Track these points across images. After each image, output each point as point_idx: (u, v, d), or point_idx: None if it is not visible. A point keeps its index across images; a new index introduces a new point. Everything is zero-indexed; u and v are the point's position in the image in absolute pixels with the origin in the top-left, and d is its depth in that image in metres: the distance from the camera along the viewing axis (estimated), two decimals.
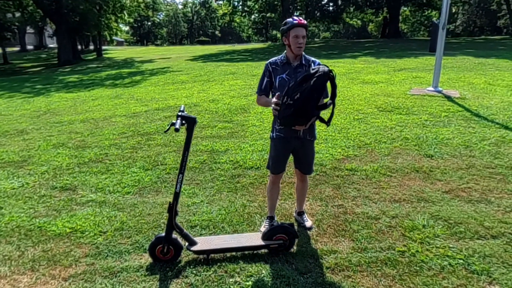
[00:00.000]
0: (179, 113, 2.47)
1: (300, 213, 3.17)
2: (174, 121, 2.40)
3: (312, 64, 2.77)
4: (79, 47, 33.81)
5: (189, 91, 9.01)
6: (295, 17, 2.68)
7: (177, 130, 2.31)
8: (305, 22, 2.69)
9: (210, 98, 7.86)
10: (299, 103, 2.49)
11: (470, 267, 2.50)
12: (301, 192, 3.11)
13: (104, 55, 29.22)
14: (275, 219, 3.10)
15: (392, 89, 7.58)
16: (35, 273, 2.66)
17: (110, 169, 4.45)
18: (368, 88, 7.80)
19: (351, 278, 2.44)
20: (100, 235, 3.09)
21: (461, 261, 2.56)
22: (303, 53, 2.79)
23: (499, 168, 3.90)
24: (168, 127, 2.47)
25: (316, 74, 2.48)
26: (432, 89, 7.13)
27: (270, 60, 2.88)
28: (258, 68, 12.52)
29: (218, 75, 11.44)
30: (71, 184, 4.08)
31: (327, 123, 2.67)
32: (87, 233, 3.12)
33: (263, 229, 2.92)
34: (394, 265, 2.55)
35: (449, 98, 6.61)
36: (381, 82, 8.41)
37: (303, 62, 2.78)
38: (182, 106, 2.61)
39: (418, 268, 2.51)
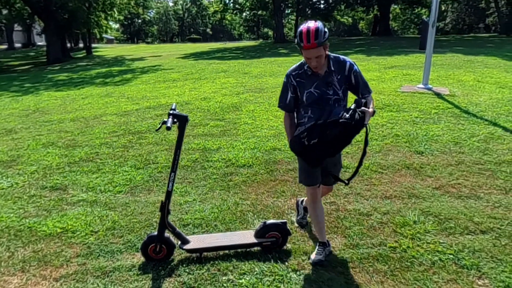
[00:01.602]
0: (171, 111, 2.46)
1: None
2: (165, 120, 2.39)
3: (344, 67, 2.39)
4: (68, 45, 33.39)
5: (180, 89, 8.97)
6: (304, 34, 2.22)
7: (168, 128, 2.30)
8: (314, 42, 2.21)
9: (202, 96, 7.83)
10: (312, 148, 2.30)
11: (460, 262, 2.53)
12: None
13: (94, 53, 28.91)
14: (329, 245, 2.64)
15: (383, 86, 7.63)
16: (26, 274, 2.63)
17: (101, 168, 4.41)
18: None
19: (343, 274, 2.45)
20: (92, 234, 3.06)
21: (451, 256, 2.60)
22: (329, 53, 2.40)
23: (488, 164, 3.95)
24: (159, 126, 2.46)
25: (347, 124, 2.20)
26: (422, 86, 7.20)
27: (291, 69, 2.48)
28: (249, 66, 12.51)
29: (210, 73, 11.40)
30: (62, 184, 4.04)
31: (347, 182, 2.45)
32: (78, 233, 3.09)
33: (315, 256, 2.55)
34: (385, 261, 2.58)
35: (439, 95, 6.68)
36: (372, 79, 8.46)
37: (332, 67, 2.39)
38: (174, 104, 2.60)
39: (409, 264, 2.54)
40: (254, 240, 2.70)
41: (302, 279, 2.43)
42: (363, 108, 2.24)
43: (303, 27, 2.27)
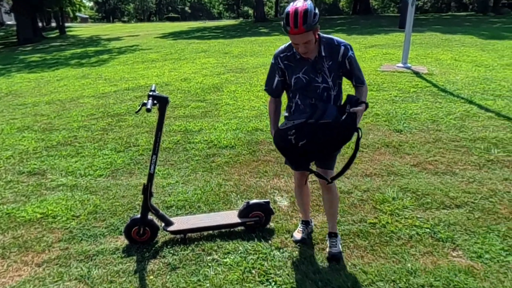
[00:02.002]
0: (150, 93, 2.41)
1: (331, 235, 2.52)
2: (145, 101, 2.34)
3: (337, 52, 2.16)
4: (40, 24, 31.93)
5: (159, 70, 8.78)
6: (292, 16, 1.98)
7: (148, 110, 2.26)
8: (302, 27, 1.98)
9: (182, 77, 7.70)
10: (299, 150, 2.15)
11: (436, 235, 2.64)
12: (328, 204, 2.51)
13: (68, 33, 27.80)
14: (311, 223, 2.74)
15: (363, 66, 7.67)
16: (6, 260, 2.59)
17: (80, 152, 4.32)
18: None
19: (325, 251, 2.52)
20: (73, 219, 3.03)
21: (428, 230, 2.70)
22: (320, 34, 2.17)
23: (463, 141, 4.08)
24: (139, 108, 2.41)
25: (340, 128, 2.09)
26: (402, 65, 7.28)
27: (280, 50, 2.28)
28: (230, 45, 12.32)
29: (190, 53, 11.18)
30: (39, 169, 3.95)
31: (329, 181, 2.31)
32: (59, 217, 3.05)
33: (297, 234, 2.64)
34: (366, 236, 2.66)
35: (417, 74, 6.78)
36: None
37: (323, 53, 2.17)
38: (153, 85, 2.55)
39: (388, 239, 2.63)
40: (238, 220, 2.73)
41: (285, 257, 2.49)
42: (353, 108, 2.09)
43: (290, 7, 2.03)
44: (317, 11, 2.06)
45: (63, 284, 2.35)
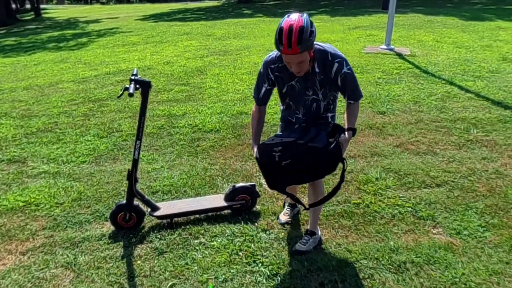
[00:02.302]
0: (132, 77, 2.36)
1: (307, 232, 2.46)
2: (127, 86, 2.29)
3: (330, 68, 2.03)
4: (14, 6, 30.62)
5: (141, 53, 8.58)
6: (285, 35, 1.82)
7: (131, 95, 2.22)
8: (296, 48, 1.83)
9: (164, 60, 7.56)
10: (282, 170, 2.01)
11: (417, 214, 2.72)
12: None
13: (44, 15, 26.77)
14: (297, 205, 2.70)
15: (347, 48, 7.68)
16: None
17: (62, 138, 4.24)
18: None
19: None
20: (57, 206, 2.99)
21: (410, 209, 2.78)
22: (315, 47, 2.00)
23: (444, 121, 4.17)
24: (121, 92, 2.36)
25: (327, 156, 2.00)
26: (385, 47, 7.32)
27: (271, 60, 2.13)
28: (212, 27, 12.11)
29: (172, 36, 10.95)
30: (20, 156, 3.86)
31: (307, 207, 2.23)
32: (42, 205, 3.01)
33: (283, 217, 2.67)
34: (350, 216, 2.72)
35: (400, 55, 6.83)
36: (337, 41, 8.48)
37: (316, 69, 2.04)
38: (135, 69, 2.49)
39: (371, 218, 2.70)
40: (224, 204, 2.74)
41: (271, 238, 2.53)
42: (339, 139, 2.01)
43: (284, 22, 1.85)
44: (313, 27, 1.89)
45: (49, 272, 2.34)
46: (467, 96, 4.82)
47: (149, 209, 2.68)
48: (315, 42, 1.99)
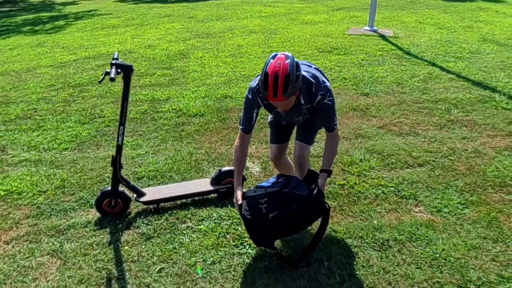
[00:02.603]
0: (113, 61, 2.30)
1: None
2: (108, 70, 2.24)
3: (314, 99, 2.02)
4: None
5: (121, 36, 8.36)
6: (270, 83, 1.81)
7: (112, 79, 2.17)
8: (282, 96, 1.83)
9: (146, 44, 7.39)
10: (269, 223, 2.02)
11: (400, 193, 2.79)
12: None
13: None
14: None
15: (331, 29, 7.65)
16: None
17: (42, 125, 4.13)
18: (308, 28, 7.80)
19: None
20: (40, 194, 2.94)
21: (393, 188, 2.84)
22: (301, 74, 1.93)
23: (426, 102, 4.24)
24: (102, 77, 2.31)
25: (312, 204, 2.04)
26: (368, 28, 7.32)
27: (257, 90, 2.06)
28: (194, 9, 11.85)
29: (152, 18, 10.68)
30: None
31: (293, 265, 2.16)
32: (24, 194, 2.96)
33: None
34: (335, 197, 2.77)
35: (383, 37, 6.85)
36: (321, 22, 8.43)
37: (302, 100, 2.04)
38: (116, 53, 2.43)
39: (356, 198, 2.75)
40: (211, 188, 2.75)
41: None
42: (319, 185, 2.10)
43: (269, 67, 1.83)
44: (299, 69, 1.89)
45: (35, 260, 2.32)
46: (448, 77, 4.90)
47: (135, 195, 2.67)
48: (304, 72, 2.00)
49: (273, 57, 1.88)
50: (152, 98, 4.69)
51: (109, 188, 2.58)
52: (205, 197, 2.80)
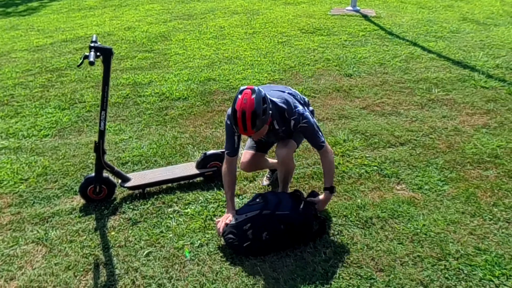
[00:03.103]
0: (92, 44, 2.24)
1: (272, 170, 2.75)
2: (87, 54, 2.18)
3: (288, 125, 2.11)
4: None
5: (99, 18, 8.09)
6: (239, 120, 1.92)
7: (91, 63, 2.11)
8: (252, 131, 1.95)
9: (125, 26, 7.18)
10: (264, 244, 2.10)
11: (383, 172, 2.85)
12: (282, 175, 2.47)
13: None
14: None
15: (313, 9, 7.58)
16: None
17: (20, 111, 4.02)
18: (290, 9, 7.71)
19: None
20: (22, 182, 2.89)
21: (375, 167, 2.90)
22: (272, 101, 2.08)
23: (408, 82, 4.29)
24: (81, 61, 2.24)
25: (301, 219, 2.13)
26: (351, 8, 7.28)
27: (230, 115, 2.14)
28: None
29: None
30: None
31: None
32: (5, 182, 2.89)
33: (265, 180, 2.76)
34: (319, 177, 2.81)
35: (366, 17, 6.84)
36: (303, 2, 8.34)
37: (276, 126, 2.14)
38: (94, 36, 2.36)
39: (340, 178, 2.80)
40: (196, 171, 2.75)
41: (244, 203, 2.58)
42: (311, 198, 2.27)
43: (237, 104, 1.92)
44: (267, 102, 1.98)
45: (20, 248, 2.29)
46: (429, 57, 4.95)
47: (119, 181, 2.65)
48: (275, 100, 2.10)
49: (240, 92, 1.98)
50: (133, 82, 4.60)
51: (93, 174, 2.55)
52: (191, 181, 2.80)
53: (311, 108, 2.51)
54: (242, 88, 2.01)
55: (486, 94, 3.95)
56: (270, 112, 2.03)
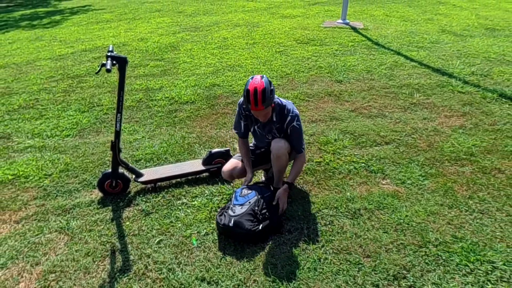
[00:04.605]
0: (109, 53, 2.23)
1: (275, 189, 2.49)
2: (104, 62, 2.18)
3: (284, 120, 2.24)
4: None
5: (115, 30, 8.08)
6: (252, 96, 2.06)
7: (108, 70, 2.11)
8: (262, 106, 2.08)
9: (139, 37, 7.17)
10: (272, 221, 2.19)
11: (370, 168, 2.85)
12: (277, 168, 2.42)
13: None
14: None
15: (308, 22, 7.57)
16: None
17: (44, 114, 4.02)
18: (287, 22, 7.70)
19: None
20: (46, 177, 2.89)
21: (363, 164, 2.90)
22: (276, 101, 2.25)
23: (392, 88, 4.28)
24: (99, 68, 2.24)
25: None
26: (341, 21, 7.27)
27: (242, 102, 2.32)
28: (183, 4, 11.51)
29: (144, 13, 10.34)
30: (4, 132, 3.64)
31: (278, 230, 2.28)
32: (31, 177, 2.89)
33: (264, 176, 2.73)
34: (313, 173, 2.81)
35: (355, 29, 6.83)
36: (298, 16, 8.33)
37: (274, 118, 2.27)
38: (111, 46, 2.35)
39: (331, 174, 2.80)
40: (202, 168, 2.75)
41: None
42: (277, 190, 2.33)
43: (249, 85, 2.10)
44: (272, 86, 2.16)
45: (44, 237, 2.29)
46: (411, 65, 4.95)
47: (133, 176, 2.65)
48: (279, 99, 2.29)
49: (252, 78, 2.16)
50: (146, 88, 4.59)
51: (110, 170, 2.55)
52: (197, 176, 2.80)
53: None
54: (252, 76, 2.18)
55: (462, 98, 3.94)
56: (275, 96, 2.22)
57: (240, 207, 2.19)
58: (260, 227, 2.14)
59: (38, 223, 2.41)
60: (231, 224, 2.13)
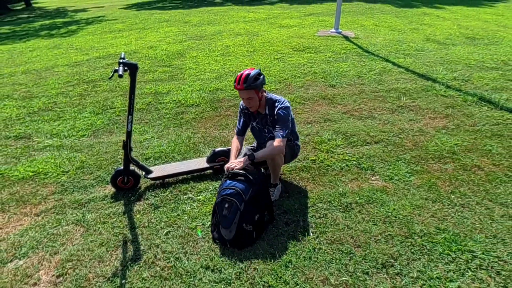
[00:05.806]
0: (121, 60, 2.23)
1: (271, 185, 2.48)
2: (117, 68, 2.17)
3: (274, 108, 2.26)
4: None
5: (126, 39, 8.07)
6: (237, 77, 2.17)
7: (120, 76, 2.11)
8: (242, 86, 2.15)
9: (148, 45, 7.17)
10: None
11: (360, 166, 2.84)
12: (271, 164, 2.38)
13: (34, 5, 24.31)
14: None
15: (303, 31, 7.56)
16: (6, 213, 2.46)
17: (62, 116, 4.01)
18: (284, 31, 7.68)
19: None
20: (63, 174, 2.89)
21: (354, 162, 2.90)
22: (268, 96, 2.30)
23: (381, 92, 4.28)
24: (112, 74, 2.24)
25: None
26: (334, 30, 7.26)
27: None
28: (189, 15, 11.50)
29: (153, 23, 10.33)
30: (25, 133, 3.64)
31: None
32: (50, 174, 2.89)
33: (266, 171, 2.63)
34: (308, 170, 2.81)
35: (347, 38, 6.82)
36: (295, 25, 8.32)
37: (267, 111, 2.31)
38: (123, 53, 2.35)
39: (325, 171, 2.80)
40: (207, 165, 2.75)
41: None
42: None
43: (242, 72, 2.23)
44: (261, 77, 2.21)
45: (62, 228, 2.29)
46: (399, 71, 4.94)
47: (143, 173, 2.65)
48: (273, 95, 2.33)
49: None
50: (155, 92, 4.59)
51: (122, 167, 2.54)
52: (202, 173, 2.80)
53: (299, 143, 2.57)
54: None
55: (445, 102, 3.94)
56: (270, 94, 2.33)
57: (229, 231, 2.03)
58: (254, 235, 2.08)
59: (57, 216, 2.41)
60: (229, 245, 2.06)
